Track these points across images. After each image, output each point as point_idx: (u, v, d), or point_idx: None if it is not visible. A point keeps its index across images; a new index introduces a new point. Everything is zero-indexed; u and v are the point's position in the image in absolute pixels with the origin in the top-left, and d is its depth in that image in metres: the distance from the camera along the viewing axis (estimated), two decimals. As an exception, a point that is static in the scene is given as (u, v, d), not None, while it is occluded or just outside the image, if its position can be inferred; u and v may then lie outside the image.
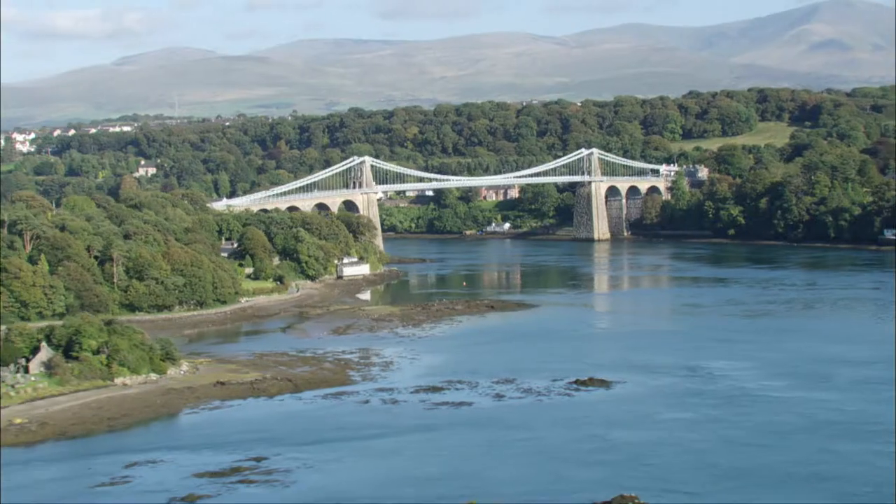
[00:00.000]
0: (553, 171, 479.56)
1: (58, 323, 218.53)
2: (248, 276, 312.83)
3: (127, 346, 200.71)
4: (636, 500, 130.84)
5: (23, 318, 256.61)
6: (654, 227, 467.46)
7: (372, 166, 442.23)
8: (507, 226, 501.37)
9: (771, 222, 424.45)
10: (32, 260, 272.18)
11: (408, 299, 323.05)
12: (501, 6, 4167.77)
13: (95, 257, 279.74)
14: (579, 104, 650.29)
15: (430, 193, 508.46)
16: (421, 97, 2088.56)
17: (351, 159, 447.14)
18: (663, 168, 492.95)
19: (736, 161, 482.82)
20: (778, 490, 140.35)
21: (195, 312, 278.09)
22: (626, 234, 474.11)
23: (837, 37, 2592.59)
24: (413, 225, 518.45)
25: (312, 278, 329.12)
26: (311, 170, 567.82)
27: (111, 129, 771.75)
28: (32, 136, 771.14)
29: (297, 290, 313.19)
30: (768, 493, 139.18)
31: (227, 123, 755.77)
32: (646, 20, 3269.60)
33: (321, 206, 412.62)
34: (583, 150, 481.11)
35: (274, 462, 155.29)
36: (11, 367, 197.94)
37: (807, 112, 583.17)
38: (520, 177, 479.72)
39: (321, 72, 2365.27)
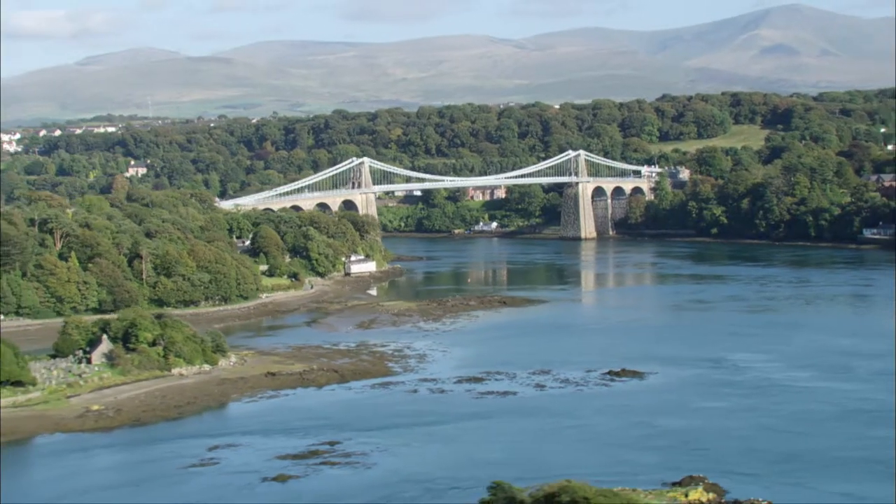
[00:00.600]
0: (541, 173, 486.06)
1: (112, 316, 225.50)
2: (263, 273, 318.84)
3: (181, 339, 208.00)
4: (705, 480, 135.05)
5: (58, 313, 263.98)
6: (639, 226, 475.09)
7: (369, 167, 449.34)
8: (494, 225, 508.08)
9: (753, 222, 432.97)
10: (63, 257, 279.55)
11: (418, 295, 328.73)
12: (461, 9, 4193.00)
13: (124, 254, 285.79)
14: (558, 107, 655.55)
15: (419, 193, 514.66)
16: (383, 98, 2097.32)
17: (350, 160, 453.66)
18: (645, 169, 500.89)
19: (716, 163, 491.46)
20: (830, 472, 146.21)
21: (220, 308, 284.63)
22: (611, 233, 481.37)
23: (786, 42, 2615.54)
24: (402, 224, 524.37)
25: (322, 275, 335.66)
26: (299, 170, 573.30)
27: (95, 130, 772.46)
28: (18, 136, 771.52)
29: (312, 287, 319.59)
30: (822, 475, 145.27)
31: (212, 124, 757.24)
32: (603, 24, 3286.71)
33: (322, 206, 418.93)
34: (570, 151, 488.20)
35: (347, 446, 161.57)
36: (71, 357, 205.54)
37: (778, 115, 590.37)
38: (510, 177, 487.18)
39: (285, 73, 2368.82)
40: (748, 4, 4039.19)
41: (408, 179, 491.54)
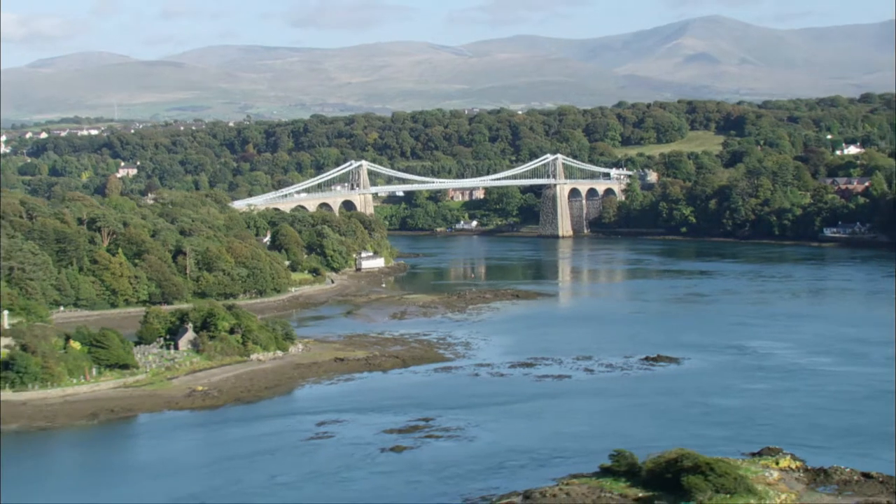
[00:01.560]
0: (520, 175, 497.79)
1: (188, 306, 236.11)
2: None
3: (256, 327, 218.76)
4: (782, 452, 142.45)
5: (112, 305, 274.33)
6: (612, 225, 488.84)
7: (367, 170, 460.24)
8: (474, 223, 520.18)
9: (720, 221, 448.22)
10: (111, 253, 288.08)
11: (431, 289, 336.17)
12: (403, 17, 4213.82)
13: (169, 251, 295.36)
14: (525, 113, 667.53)
15: (401, 194, 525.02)
16: (329, 101, 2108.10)
17: (349, 163, 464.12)
18: (614, 172, 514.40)
19: (682, 166, 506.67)
20: (889, 445, 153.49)
21: (257, 300, 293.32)
22: (586, 231, 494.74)
23: (707, 51, 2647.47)
24: (387, 223, 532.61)
25: (336, 270, 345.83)
26: (284, 172, 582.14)
27: (79, 132, 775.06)
28: (4, 137, 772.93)
29: (333, 282, 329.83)
30: (883, 447, 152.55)
31: (194, 128, 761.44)
32: (535, 32, 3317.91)
33: (324, 206, 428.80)
34: (548, 155, 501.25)
35: (440, 422, 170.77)
36: (154, 345, 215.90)
37: (731, 122, 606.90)
38: (496, 179, 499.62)
39: (235, 77, 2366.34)
40: (671, 15, 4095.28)
41: (389, 180, 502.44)
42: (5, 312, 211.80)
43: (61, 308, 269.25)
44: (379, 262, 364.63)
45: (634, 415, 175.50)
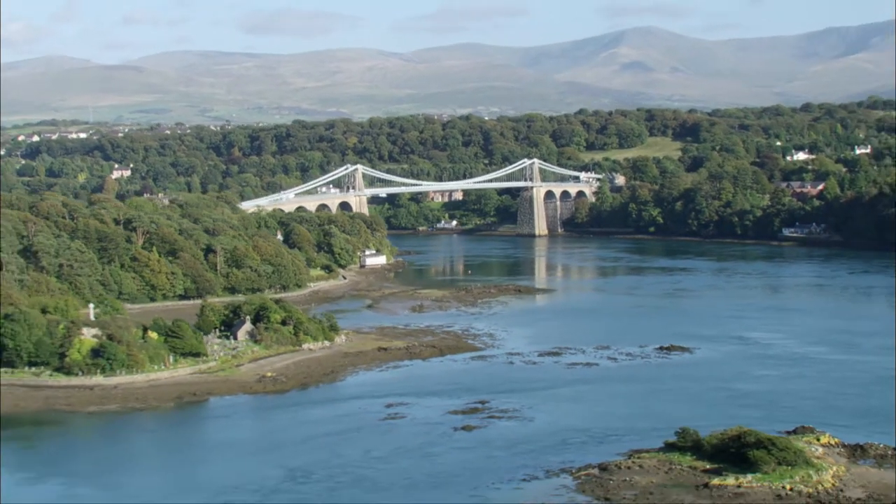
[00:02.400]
0: (499, 178, 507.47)
1: (240, 299, 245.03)
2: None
3: (306, 319, 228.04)
4: (814, 430, 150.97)
5: (151, 299, 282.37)
6: (584, 225, 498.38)
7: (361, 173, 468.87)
8: (454, 223, 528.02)
9: (686, 221, 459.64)
10: (145, 251, 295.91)
11: (434, 284, 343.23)
12: (353, 26, 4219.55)
13: (201, 249, 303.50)
14: (495, 120, 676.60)
15: (384, 195, 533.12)
16: (285, 105, 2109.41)
17: (345, 167, 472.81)
18: (583, 175, 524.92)
19: (648, 170, 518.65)
20: None
21: (281, 295, 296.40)
22: (560, 231, 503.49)
23: (641, 59, 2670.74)
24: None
25: (343, 267, 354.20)
26: (272, 174, 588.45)
27: (70, 136, 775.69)
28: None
29: (345, 278, 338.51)
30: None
31: (180, 132, 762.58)
32: (479, 40, 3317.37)
33: (323, 207, 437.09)
34: (525, 160, 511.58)
35: (495, 405, 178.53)
36: (212, 335, 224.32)
37: (687, 129, 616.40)
38: (478, 182, 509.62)
39: (194, 81, 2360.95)
40: (606, 26, 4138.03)
41: (371, 182, 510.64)
42: (91, 305, 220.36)
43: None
44: (381, 260, 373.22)
45: (666, 398, 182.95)
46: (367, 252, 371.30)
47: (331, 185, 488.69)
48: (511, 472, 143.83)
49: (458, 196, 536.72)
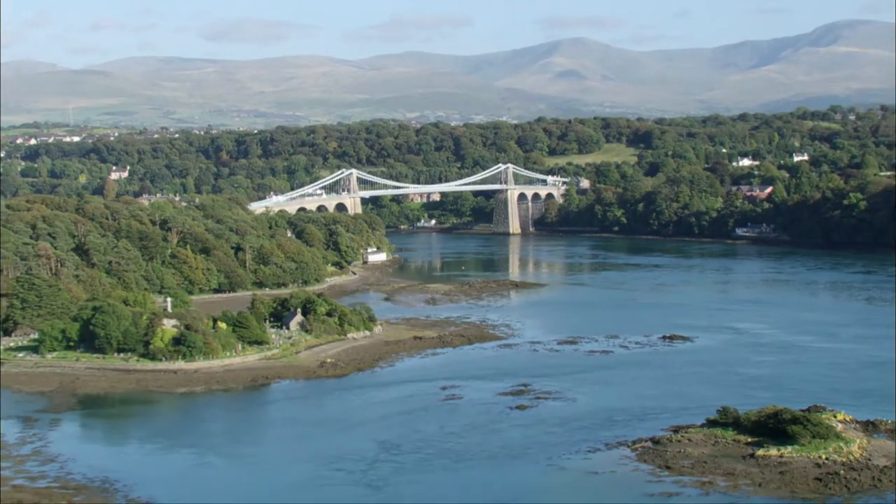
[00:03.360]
0: (478, 182, 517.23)
1: (285, 292, 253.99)
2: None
3: (348, 311, 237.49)
4: (826, 409, 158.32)
5: (189, 293, 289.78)
6: (554, 224, 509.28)
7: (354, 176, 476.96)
8: (433, 222, 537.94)
9: (648, 221, 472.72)
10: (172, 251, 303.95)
11: (436, 279, 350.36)
12: (308, 34, 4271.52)
13: (231, 247, 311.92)
14: (464, 126, 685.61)
15: (366, 196, 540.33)
16: (244, 108, 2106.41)
17: (340, 172, 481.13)
18: (550, 179, 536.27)
19: (610, 174, 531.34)
20: None
21: (303, 289, 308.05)
22: (531, 230, 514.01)
23: (574, 68, 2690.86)
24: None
25: (348, 264, 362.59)
26: (262, 176, 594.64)
27: (66, 139, 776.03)
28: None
29: (355, 273, 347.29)
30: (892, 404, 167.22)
31: (170, 137, 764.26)
32: (426, 49, 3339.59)
33: (321, 208, 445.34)
34: (500, 165, 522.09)
35: (538, 387, 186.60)
36: (265, 325, 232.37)
37: (640, 136, 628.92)
38: (461, 185, 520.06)
39: (157, 85, 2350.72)
40: (542, 37, 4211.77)
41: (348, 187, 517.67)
42: (168, 299, 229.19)
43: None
44: (382, 257, 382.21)
45: (685, 381, 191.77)
46: (370, 250, 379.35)
47: (315, 187, 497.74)
48: (574, 445, 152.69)
49: (436, 197, 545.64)
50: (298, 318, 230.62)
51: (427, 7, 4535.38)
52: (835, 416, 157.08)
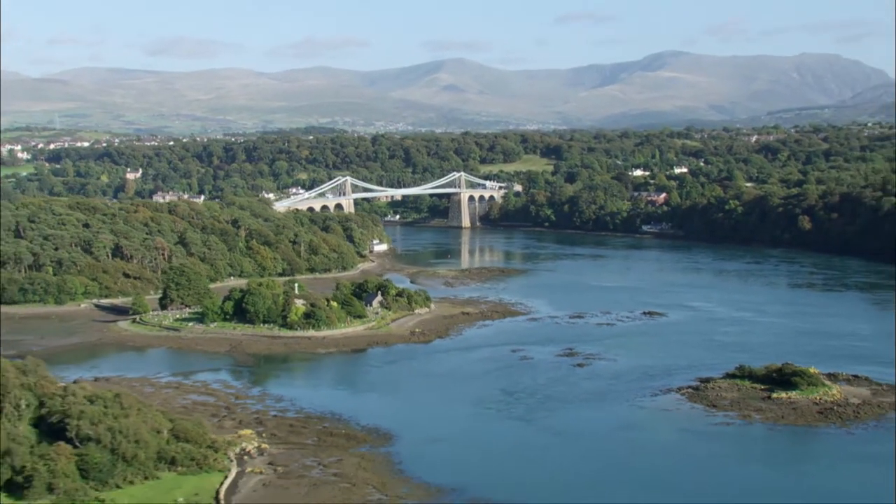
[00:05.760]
0: (440, 185, 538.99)
1: (329, 276, 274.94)
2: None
3: (412, 292, 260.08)
4: (793, 366, 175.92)
5: (261, 276, 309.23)
6: (496, 220, 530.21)
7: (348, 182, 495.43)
8: (397, 217, 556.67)
9: (572, 219, 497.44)
10: (247, 243, 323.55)
11: (437, 265, 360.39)
12: (234, 50, 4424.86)
13: (290, 241, 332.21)
14: (411, 139, 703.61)
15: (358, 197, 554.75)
16: (182, 113, 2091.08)
17: (336, 179, 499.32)
18: (488, 183, 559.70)
19: (538, 180, 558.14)
20: (859, 362, 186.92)
21: (343, 273, 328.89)
22: (478, 224, 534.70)
23: (455, 83, 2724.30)
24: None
25: (360, 254, 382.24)
26: (253, 178, 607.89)
27: (77, 144, 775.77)
28: (18, 146, 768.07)
29: (373, 261, 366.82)
30: (856, 364, 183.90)
31: (170, 143, 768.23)
32: (332, 64, 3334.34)
33: (324, 208, 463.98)
34: (454, 172, 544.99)
35: (580, 350, 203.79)
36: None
37: (551, 149, 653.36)
38: (426, 189, 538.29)
39: (107, 92, 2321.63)
40: (428, 56, 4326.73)
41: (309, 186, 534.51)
42: (296, 284, 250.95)
43: (231, 277, 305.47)
44: (384, 247, 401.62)
45: (680, 346, 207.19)
46: (375, 242, 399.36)
47: (299, 188, 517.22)
48: (637, 392, 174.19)
49: (398, 197, 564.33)
50: (379, 297, 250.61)
51: (334, 30, 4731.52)
52: (809, 370, 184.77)
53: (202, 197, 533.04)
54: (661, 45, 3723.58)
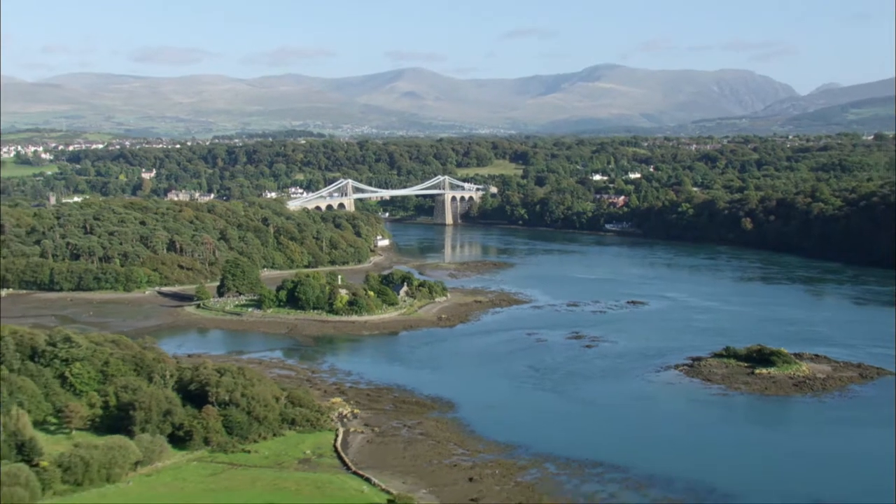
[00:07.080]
0: (427, 187, 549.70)
1: (346, 268, 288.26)
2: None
3: (432, 283, 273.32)
4: (769, 347, 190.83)
5: (290, 268, 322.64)
6: (475, 218, 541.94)
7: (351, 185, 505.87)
8: (386, 214, 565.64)
9: (543, 218, 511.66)
10: (276, 239, 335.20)
11: (436, 258, 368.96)
12: (214, 58, 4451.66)
13: (313, 237, 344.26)
14: (394, 144, 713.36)
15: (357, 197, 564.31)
16: (167, 115, 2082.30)
17: (339, 181, 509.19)
18: (466, 185, 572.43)
19: (512, 183, 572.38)
20: (836, 342, 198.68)
21: (358, 266, 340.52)
22: (460, 221, 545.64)
23: (414, 90, 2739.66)
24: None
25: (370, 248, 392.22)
26: (256, 178, 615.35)
27: (93, 146, 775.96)
28: (41, 147, 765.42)
29: (381, 254, 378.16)
30: (833, 345, 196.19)
31: (178, 146, 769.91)
32: (302, 72, 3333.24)
33: (329, 207, 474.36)
34: (439, 176, 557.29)
35: (586, 333, 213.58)
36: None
37: (519, 155, 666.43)
38: (412, 190, 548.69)
39: (98, 95, 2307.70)
40: (389, 65, 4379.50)
41: (308, 186, 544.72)
42: (339, 276, 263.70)
43: (265, 269, 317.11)
44: (386, 242, 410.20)
45: (667, 331, 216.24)
46: (378, 237, 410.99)
47: (298, 188, 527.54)
48: (643, 369, 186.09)
49: (387, 197, 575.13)
50: (405, 287, 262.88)
51: (305, 40, 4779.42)
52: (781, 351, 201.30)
53: (211, 195, 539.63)
54: (599, 59, 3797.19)
